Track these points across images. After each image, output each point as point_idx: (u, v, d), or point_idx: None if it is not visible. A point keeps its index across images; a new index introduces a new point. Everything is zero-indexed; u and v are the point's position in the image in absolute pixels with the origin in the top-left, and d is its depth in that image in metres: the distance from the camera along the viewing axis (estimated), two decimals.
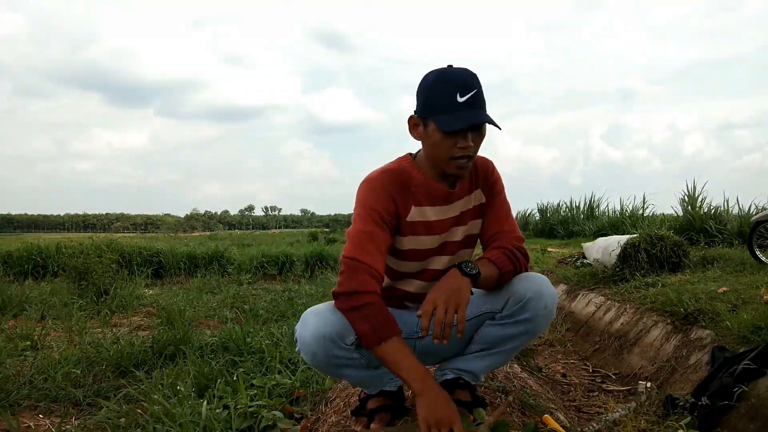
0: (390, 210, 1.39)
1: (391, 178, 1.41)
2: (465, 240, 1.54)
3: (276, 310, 4.65)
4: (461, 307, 1.28)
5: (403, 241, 1.46)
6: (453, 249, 1.52)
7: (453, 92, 1.30)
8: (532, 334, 1.49)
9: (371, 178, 1.42)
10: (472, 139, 1.33)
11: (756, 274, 3.46)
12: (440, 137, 1.33)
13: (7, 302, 4.91)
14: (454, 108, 1.30)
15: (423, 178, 1.43)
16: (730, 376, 2.01)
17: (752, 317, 2.48)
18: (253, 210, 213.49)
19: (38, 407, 2.46)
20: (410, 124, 1.41)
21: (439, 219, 1.46)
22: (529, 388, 2.09)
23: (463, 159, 1.35)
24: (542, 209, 13.37)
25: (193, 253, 9.13)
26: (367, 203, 1.38)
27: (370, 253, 1.34)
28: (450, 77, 1.32)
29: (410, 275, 1.54)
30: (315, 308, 1.39)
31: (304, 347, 1.36)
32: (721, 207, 6.90)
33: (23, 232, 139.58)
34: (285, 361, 2.71)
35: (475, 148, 1.36)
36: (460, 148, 1.33)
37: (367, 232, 1.36)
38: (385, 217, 1.38)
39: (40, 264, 8.24)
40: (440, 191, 1.45)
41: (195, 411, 1.93)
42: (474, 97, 1.30)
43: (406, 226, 1.43)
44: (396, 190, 1.40)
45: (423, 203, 1.44)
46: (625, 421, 2.00)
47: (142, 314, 4.91)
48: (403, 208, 1.42)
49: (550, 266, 5.89)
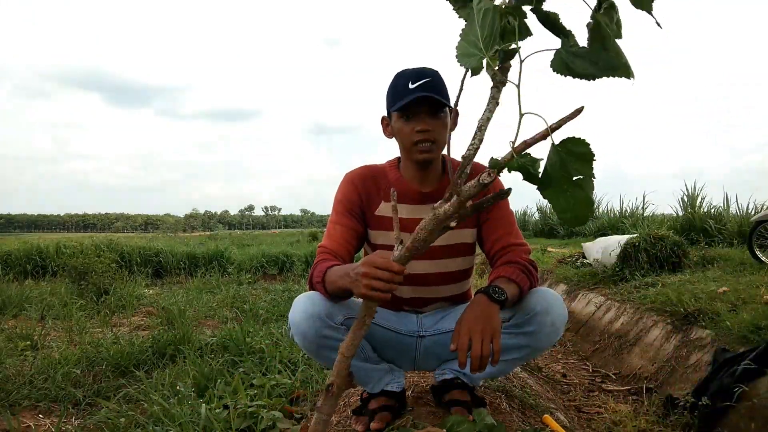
0: (356, 202, 1.50)
1: (363, 174, 1.54)
2: (452, 248, 1.52)
3: (276, 310, 4.65)
4: (496, 337, 1.22)
5: (374, 234, 1.54)
6: (435, 254, 1.50)
7: (406, 82, 1.39)
8: (534, 349, 1.45)
9: (347, 173, 1.56)
10: (430, 124, 1.39)
11: (756, 274, 3.46)
12: (400, 125, 1.42)
13: (7, 302, 4.91)
14: (406, 93, 1.38)
15: (397, 177, 1.52)
16: (730, 376, 2.01)
17: (752, 317, 2.48)
18: (253, 210, 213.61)
19: (38, 407, 2.46)
20: (383, 126, 1.52)
21: (411, 217, 1.47)
22: (529, 388, 2.09)
23: (425, 143, 1.40)
24: (542, 209, 13.36)
25: (193, 253, 9.13)
26: (338, 197, 1.52)
27: (335, 240, 1.46)
28: (405, 72, 1.42)
29: None
30: (304, 293, 1.43)
31: (294, 328, 1.39)
32: (721, 207, 6.90)
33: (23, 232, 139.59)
34: (285, 361, 2.71)
35: (434, 133, 1.40)
36: (418, 132, 1.40)
37: (335, 223, 1.49)
38: (352, 209, 1.50)
39: (39, 264, 8.24)
40: (412, 190, 1.50)
41: (195, 411, 1.93)
42: (425, 84, 1.38)
43: (374, 219, 1.52)
44: (364, 184, 1.52)
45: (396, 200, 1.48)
46: (625, 421, 2.01)
47: (142, 314, 4.91)
48: (369, 202, 1.51)
49: (549, 266, 5.89)
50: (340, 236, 1.47)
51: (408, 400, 1.66)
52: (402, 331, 1.56)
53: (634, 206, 9.91)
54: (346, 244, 1.47)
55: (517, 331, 1.42)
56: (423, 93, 1.35)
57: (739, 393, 1.93)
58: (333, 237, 1.47)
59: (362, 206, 1.51)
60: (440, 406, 1.63)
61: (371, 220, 1.52)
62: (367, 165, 1.57)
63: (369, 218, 1.52)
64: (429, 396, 1.72)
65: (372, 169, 1.55)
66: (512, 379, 2.16)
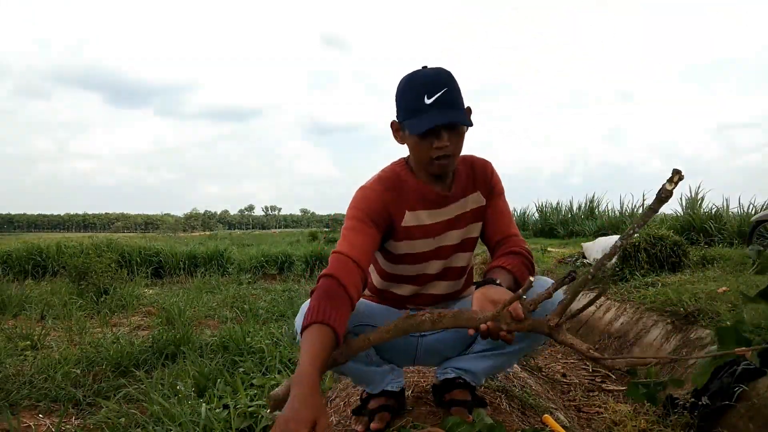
0: (380, 212, 1.40)
1: (385, 186, 1.43)
2: (462, 243, 1.52)
3: (276, 310, 4.66)
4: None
5: (399, 245, 1.46)
6: (447, 253, 1.50)
7: (420, 95, 1.31)
8: (535, 339, 1.46)
9: (365, 187, 1.44)
10: (448, 138, 1.33)
11: (756, 274, 3.47)
12: (416, 140, 1.34)
13: (7, 302, 4.91)
14: (422, 110, 1.30)
15: (416, 183, 1.44)
16: (730, 376, 2.01)
17: (752, 317, 2.48)
18: (253, 210, 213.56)
19: (38, 407, 2.46)
20: (393, 130, 1.43)
21: (434, 222, 1.46)
22: (529, 388, 2.09)
23: (443, 159, 1.35)
24: (542, 209, 13.36)
25: (193, 253, 9.13)
26: (358, 205, 1.41)
27: (357, 247, 1.36)
28: (417, 80, 1.33)
29: (405, 280, 1.53)
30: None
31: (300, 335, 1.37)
32: (721, 207, 6.90)
33: (23, 232, 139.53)
34: (285, 360, 2.71)
35: (453, 146, 1.35)
36: (437, 149, 1.33)
37: (353, 229, 1.38)
38: (375, 218, 1.40)
39: (40, 264, 8.24)
40: (434, 194, 1.45)
41: (195, 411, 1.93)
42: (442, 97, 1.30)
43: (402, 231, 1.44)
44: (389, 197, 1.42)
45: (417, 207, 1.44)
46: (625, 420, 2.01)
47: (141, 314, 4.91)
48: (397, 215, 1.43)
49: (549, 266, 5.89)
50: (362, 243, 1.36)
51: (408, 400, 1.66)
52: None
53: (634, 206, 9.91)
54: (367, 253, 1.37)
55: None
56: (442, 118, 1.29)
57: (739, 393, 1.93)
58: (354, 243, 1.35)
59: (387, 217, 1.42)
60: (440, 406, 1.63)
61: (399, 232, 1.45)
62: (381, 176, 1.47)
63: (397, 231, 1.45)
64: (429, 396, 1.72)
65: (391, 179, 1.45)
66: (512, 379, 2.16)
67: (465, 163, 1.51)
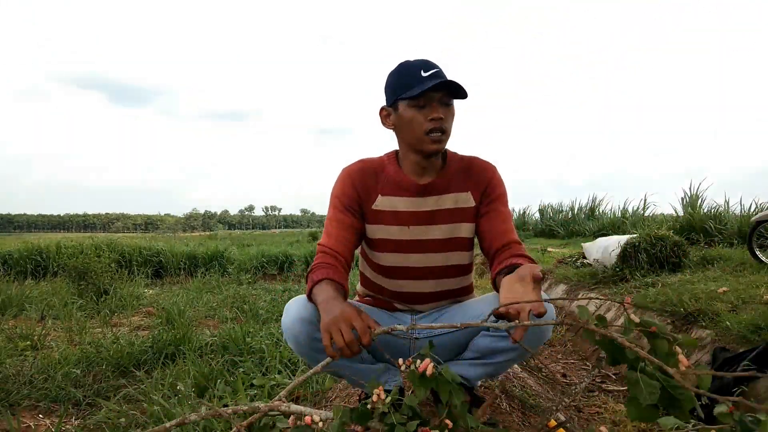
0: (353, 197, 1.48)
1: (360, 168, 1.51)
2: (449, 241, 1.50)
3: (276, 310, 4.65)
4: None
5: (373, 229, 1.51)
6: (431, 248, 1.50)
7: (417, 70, 1.37)
8: (521, 352, 1.44)
9: (345, 168, 1.53)
10: (442, 112, 1.37)
11: (756, 274, 3.46)
12: (411, 113, 1.38)
13: (7, 302, 4.92)
14: (420, 80, 1.36)
15: (395, 170, 1.49)
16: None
17: (752, 317, 2.48)
18: (253, 210, 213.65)
19: (38, 407, 2.46)
20: (381, 116, 1.47)
21: (409, 210, 1.47)
22: (529, 388, 2.09)
23: (436, 132, 1.38)
24: (542, 209, 13.36)
25: (193, 253, 9.14)
26: (335, 192, 1.50)
27: (335, 238, 1.45)
28: (411, 62, 1.41)
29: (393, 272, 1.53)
30: (296, 297, 1.43)
31: (287, 333, 1.38)
32: (721, 207, 6.90)
33: (23, 232, 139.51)
34: (285, 361, 2.71)
35: (446, 122, 1.38)
36: (431, 120, 1.36)
37: (333, 219, 1.48)
38: (348, 203, 1.48)
39: (40, 264, 8.25)
40: (409, 183, 1.47)
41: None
42: (438, 72, 1.37)
43: (372, 213, 1.49)
44: (361, 178, 1.49)
45: (391, 193, 1.48)
46: (625, 420, 2.00)
47: (141, 314, 4.91)
48: (366, 196, 1.49)
49: (550, 266, 5.89)
50: (339, 234, 1.45)
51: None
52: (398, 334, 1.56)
53: (635, 206, 9.91)
54: (345, 241, 1.45)
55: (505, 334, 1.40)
56: (440, 80, 1.33)
57: (739, 393, 1.93)
58: (332, 234, 1.45)
59: (360, 201, 1.49)
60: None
61: (369, 214, 1.50)
62: (363, 159, 1.54)
63: (367, 213, 1.50)
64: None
65: (369, 162, 1.52)
66: (512, 379, 2.16)
67: (462, 161, 1.51)
